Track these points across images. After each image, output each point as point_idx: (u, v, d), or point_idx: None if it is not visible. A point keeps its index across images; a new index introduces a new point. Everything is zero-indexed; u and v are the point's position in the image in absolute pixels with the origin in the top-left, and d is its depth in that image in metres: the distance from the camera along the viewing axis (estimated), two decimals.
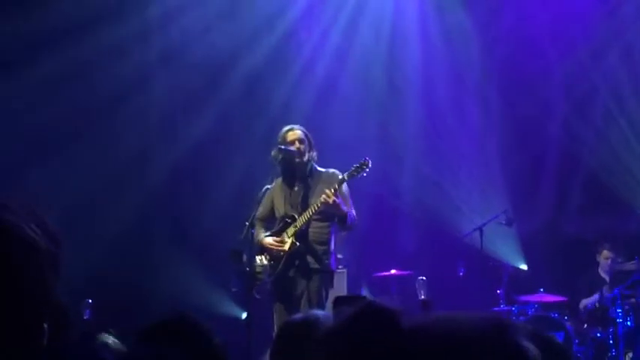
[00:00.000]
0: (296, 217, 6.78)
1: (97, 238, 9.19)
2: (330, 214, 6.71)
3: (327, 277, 6.80)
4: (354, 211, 6.79)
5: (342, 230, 6.91)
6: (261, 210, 6.93)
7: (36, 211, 1.36)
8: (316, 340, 1.27)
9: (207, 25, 9.95)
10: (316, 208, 6.63)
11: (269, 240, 6.83)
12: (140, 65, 9.73)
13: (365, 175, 6.65)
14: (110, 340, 2.34)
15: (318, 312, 3.09)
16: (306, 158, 6.85)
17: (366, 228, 9.29)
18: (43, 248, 1.37)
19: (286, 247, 6.75)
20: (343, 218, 6.68)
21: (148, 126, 9.85)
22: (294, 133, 6.88)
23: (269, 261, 6.81)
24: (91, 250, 8.90)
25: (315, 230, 6.79)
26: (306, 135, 6.90)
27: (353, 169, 6.66)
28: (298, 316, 3.10)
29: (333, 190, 6.54)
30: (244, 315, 8.42)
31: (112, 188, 9.44)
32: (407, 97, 10.63)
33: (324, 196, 6.52)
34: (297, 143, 6.83)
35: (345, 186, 6.77)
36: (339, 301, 2.49)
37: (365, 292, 9.03)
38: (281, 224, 6.88)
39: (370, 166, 6.61)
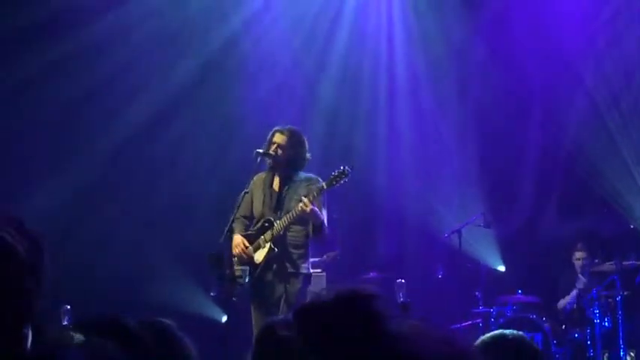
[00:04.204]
0: (273, 221, 6.76)
1: (79, 243, 9.17)
2: (306, 219, 6.70)
3: (304, 280, 6.78)
4: (325, 221, 6.75)
5: (314, 238, 6.87)
6: (243, 206, 6.87)
7: (15, 217, 1.36)
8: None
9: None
10: (294, 215, 6.61)
11: (237, 240, 6.80)
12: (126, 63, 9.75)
13: (344, 183, 6.62)
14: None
15: None
16: (284, 163, 6.83)
17: (346, 231, 9.32)
18: (22, 254, 1.38)
19: (260, 257, 6.74)
20: (319, 227, 6.68)
21: (130, 131, 9.82)
22: (277, 136, 6.83)
23: (244, 263, 6.79)
24: (72, 255, 8.88)
25: (292, 234, 6.76)
26: (291, 140, 6.81)
27: (332, 177, 6.61)
28: (279, 317, 3.11)
29: (312, 197, 6.53)
30: (224, 318, 8.43)
31: (95, 192, 9.44)
32: (384, 101, 10.66)
33: (301, 204, 6.51)
34: (275, 147, 6.80)
35: (323, 195, 6.75)
36: None
37: None
38: (258, 226, 6.86)
39: (350, 174, 6.59)
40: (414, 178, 10.51)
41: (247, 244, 6.79)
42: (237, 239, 6.80)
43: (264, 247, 6.76)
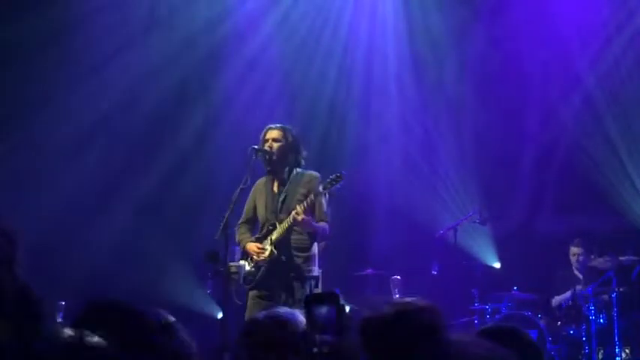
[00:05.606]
0: (277, 224, 6.69)
1: (79, 241, 9.21)
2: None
3: (310, 283, 6.62)
4: (327, 224, 6.68)
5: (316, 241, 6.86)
6: (245, 211, 6.86)
7: None
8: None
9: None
10: (290, 222, 6.54)
11: (251, 246, 6.78)
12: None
13: (339, 187, 6.52)
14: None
15: (284, 310, 3.08)
16: (281, 159, 6.76)
17: (342, 228, 9.31)
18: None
19: (266, 254, 6.70)
20: (313, 234, 6.65)
21: (134, 131, 9.86)
22: (270, 133, 6.78)
23: (252, 266, 6.75)
24: (71, 252, 8.91)
25: (296, 237, 6.67)
26: (285, 135, 6.76)
27: (328, 181, 6.51)
28: (263, 314, 3.08)
29: (306, 205, 6.46)
30: (220, 315, 8.44)
31: (96, 190, 9.47)
32: (380, 97, 10.66)
33: (293, 213, 6.45)
34: (270, 142, 6.75)
35: (323, 196, 6.66)
36: (309, 300, 2.49)
37: (339, 292, 9.02)
38: (264, 230, 6.79)
39: (345, 178, 6.49)
40: (409, 174, 10.51)
41: (260, 246, 6.75)
42: (251, 246, 6.76)
43: (266, 249, 6.69)
